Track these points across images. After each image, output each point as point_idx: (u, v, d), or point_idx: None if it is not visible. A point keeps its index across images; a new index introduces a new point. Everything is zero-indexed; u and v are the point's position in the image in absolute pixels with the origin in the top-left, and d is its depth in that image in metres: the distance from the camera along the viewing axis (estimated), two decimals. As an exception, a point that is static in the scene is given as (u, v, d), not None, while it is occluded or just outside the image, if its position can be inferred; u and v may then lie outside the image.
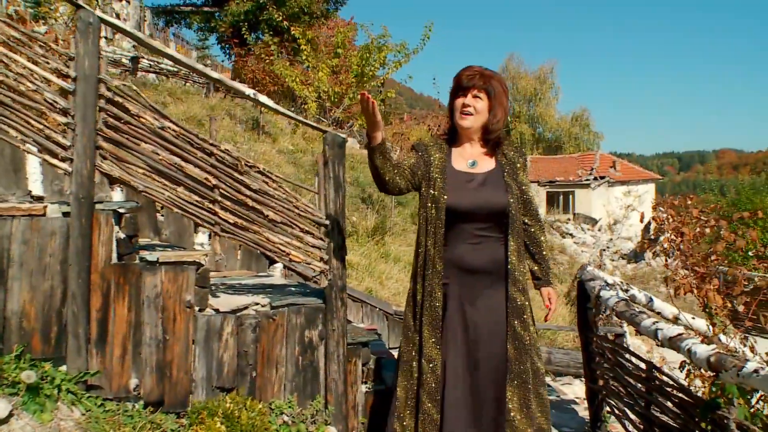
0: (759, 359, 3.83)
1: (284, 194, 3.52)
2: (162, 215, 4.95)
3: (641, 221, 4.79)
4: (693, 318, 4.19)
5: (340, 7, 20.81)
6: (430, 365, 2.89)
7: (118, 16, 17.27)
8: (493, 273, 2.95)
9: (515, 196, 2.96)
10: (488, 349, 2.92)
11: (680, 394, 3.28)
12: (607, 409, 4.36)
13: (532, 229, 3.08)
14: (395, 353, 3.70)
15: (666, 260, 3.88)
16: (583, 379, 5.04)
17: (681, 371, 3.93)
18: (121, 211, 3.25)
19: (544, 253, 3.11)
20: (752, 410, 3.26)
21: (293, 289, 4.06)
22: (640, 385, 3.67)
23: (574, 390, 5.99)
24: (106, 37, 16.46)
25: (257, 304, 3.55)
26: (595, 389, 4.40)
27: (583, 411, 5.09)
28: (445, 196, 2.89)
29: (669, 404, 3.38)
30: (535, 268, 3.10)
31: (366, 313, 5.72)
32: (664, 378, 3.45)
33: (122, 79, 13.07)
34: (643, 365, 3.65)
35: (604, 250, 17.46)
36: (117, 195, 4.58)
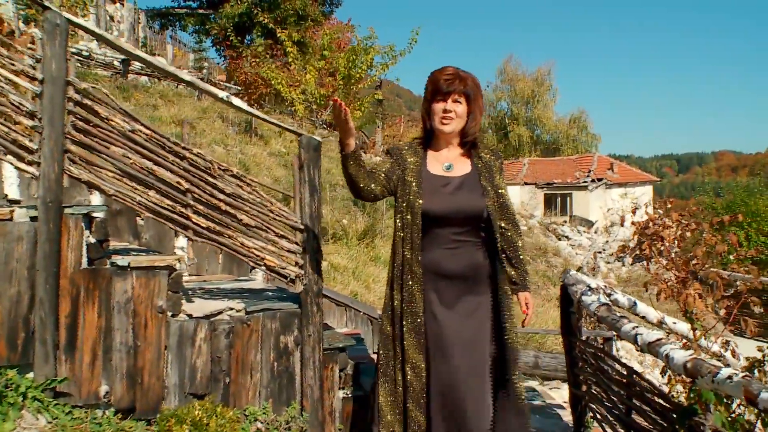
0: (741, 364, 3.79)
1: (259, 198, 3.47)
2: (142, 219, 4.91)
3: (621, 225, 4.77)
4: (675, 323, 4.15)
5: (336, 9, 20.78)
6: (415, 372, 2.85)
7: (112, 19, 17.27)
8: (470, 278, 2.92)
9: (492, 200, 2.92)
10: (469, 355, 2.89)
11: (659, 400, 3.25)
12: (591, 414, 4.31)
13: (509, 233, 3.03)
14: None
15: (647, 265, 3.84)
16: (570, 383, 5.00)
17: (663, 376, 3.89)
18: (92, 215, 3.21)
19: (522, 257, 3.07)
20: (733, 415, 3.22)
21: (271, 293, 4.01)
22: (620, 390, 3.63)
23: (562, 394, 5.93)
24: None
25: (232, 309, 3.51)
26: (578, 394, 4.35)
27: (567, 416, 5.03)
28: (420, 201, 2.85)
29: (649, 410, 3.34)
30: (512, 272, 3.04)
31: (350, 317, 5.68)
32: (644, 383, 3.42)
33: (113, 82, 13.07)
34: (624, 370, 3.61)
35: (599, 252, 17.43)
36: (96, 199, 4.54)
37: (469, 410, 2.89)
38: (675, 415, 3.02)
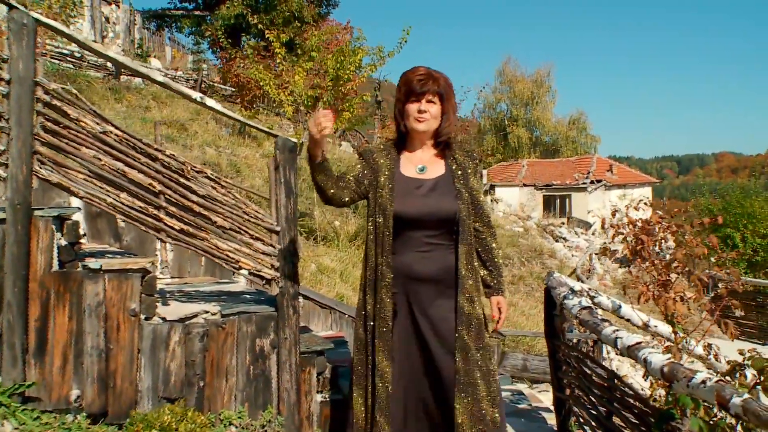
0: (724, 367, 3.74)
1: (233, 200, 3.44)
2: (123, 221, 4.87)
3: (602, 227, 4.69)
4: (656, 326, 4.11)
5: (332, 10, 20.74)
6: (382, 378, 2.81)
7: (107, 20, 17.24)
8: (443, 281, 2.86)
9: (465, 202, 2.88)
10: (439, 360, 2.85)
11: (639, 404, 3.21)
12: (574, 418, 4.27)
13: (484, 236, 2.98)
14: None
15: (629, 268, 3.79)
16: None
17: (645, 380, 3.85)
18: (64, 217, 3.17)
19: (496, 260, 3.02)
20: (715, 419, 3.18)
21: (249, 296, 3.98)
22: (602, 394, 3.59)
23: (550, 397, 5.89)
24: (94, 41, 16.43)
25: (207, 312, 3.48)
26: (562, 398, 4.31)
27: (553, 419, 4.99)
28: (392, 204, 2.81)
29: (629, 414, 3.31)
30: (486, 276, 3.00)
31: (335, 320, 5.63)
32: (624, 387, 3.38)
33: (105, 83, 13.04)
34: (605, 374, 3.57)
35: (597, 254, 17.35)
36: (76, 201, 4.50)
37: (436, 417, 2.86)
38: (653, 420, 2.99)
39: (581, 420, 4.01)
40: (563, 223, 26.36)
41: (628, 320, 4.71)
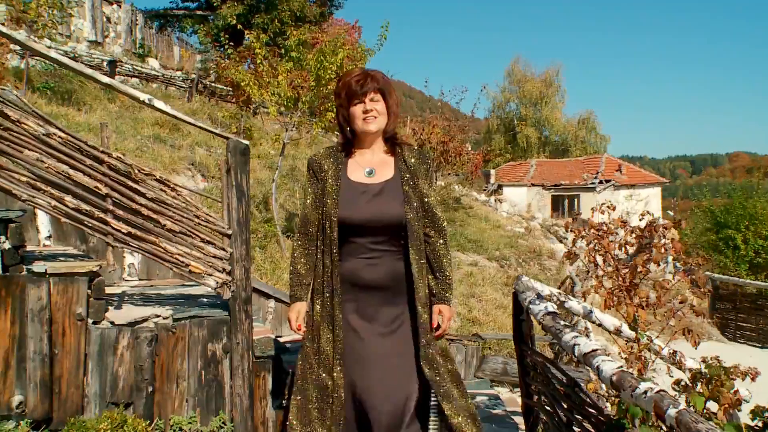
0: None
1: (184, 203, 3.39)
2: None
3: (566, 230, 4.55)
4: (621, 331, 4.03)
5: (336, 10, 20.67)
6: (333, 387, 2.76)
7: (108, 20, 17.27)
8: (391, 288, 2.80)
9: (413, 207, 2.81)
10: (390, 369, 2.79)
11: (594, 413, 3.15)
12: (541, 425, 4.20)
13: (433, 240, 2.90)
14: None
15: (596, 274, 3.70)
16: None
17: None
18: (7, 220, 3.13)
19: (445, 267, 2.93)
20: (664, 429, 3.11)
21: (206, 300, 3.93)
22: (562, 401, 3.52)
23: (529, 402, 5.81)
24: (96, 41, 16.50)
25: (158, 316, 3.43)
26: (530, 404, 4.24)
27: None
28: (336, 210, 2.75)
29: (586, 423, 3.24)
30: (433, 282, 2.92)
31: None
32: (582, 395, 3.31)
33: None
34: (565, 380, 3.50)
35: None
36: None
37: (389, 424, 2.80)
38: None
39: (548, 426, 3.94)
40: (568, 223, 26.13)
41: (600, 325, 4.64)
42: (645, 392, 2.50)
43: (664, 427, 3.09)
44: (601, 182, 30.75)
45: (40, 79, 10.79)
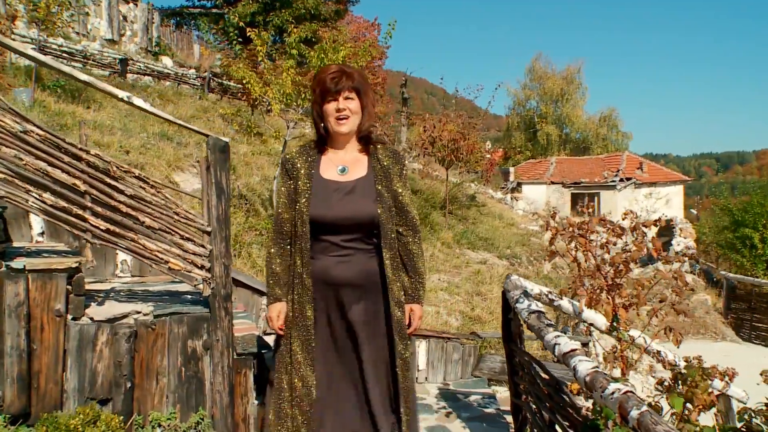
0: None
1: (163, 200, 3.40)
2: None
3: (546, 229, 4.48)
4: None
5: (351, 7, 20.65)
6: (303, 386, 2.76)
7: (125, 18, 17.42)
8: (363, 286, 2.80)
9: (386, 205, 2.79)
10: (360, 365, 2.80)
11: (573, 413, 3.12)
12: (529, 425, 4.16)
13: (406, 239, 2.89)
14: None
15: (578, 271, 3.65)
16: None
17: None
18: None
19: (418, 266, 2.92)
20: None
21: (190, 296, 3.94)
22: (545, 401, 3.49)
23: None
24: (112, 40, 16.65)
25: (139, 312, 3.45)
26: (518, 404, 4.21)
27: (518, 425, 4.88)
28: (308, 208, 2.74)
29: (567, 423, 3.22)
30: (405, 281, 2.91)
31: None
32: (562, 395, 3.28)
33: (111, 81, 13.15)
34: (548, 380, 3.47)
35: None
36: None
37: (360, 419, 2.81)
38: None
39: (534, 428, 3.91)
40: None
41: (591, 324, 4.59)
42: (612, 393, 2.47)
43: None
44: (621, 180, 30.42)
45: (51, 78, 10.92)
